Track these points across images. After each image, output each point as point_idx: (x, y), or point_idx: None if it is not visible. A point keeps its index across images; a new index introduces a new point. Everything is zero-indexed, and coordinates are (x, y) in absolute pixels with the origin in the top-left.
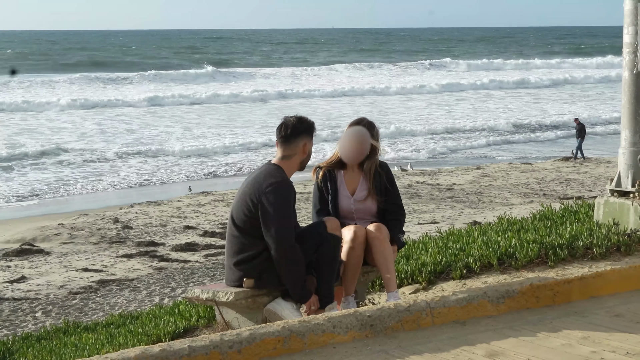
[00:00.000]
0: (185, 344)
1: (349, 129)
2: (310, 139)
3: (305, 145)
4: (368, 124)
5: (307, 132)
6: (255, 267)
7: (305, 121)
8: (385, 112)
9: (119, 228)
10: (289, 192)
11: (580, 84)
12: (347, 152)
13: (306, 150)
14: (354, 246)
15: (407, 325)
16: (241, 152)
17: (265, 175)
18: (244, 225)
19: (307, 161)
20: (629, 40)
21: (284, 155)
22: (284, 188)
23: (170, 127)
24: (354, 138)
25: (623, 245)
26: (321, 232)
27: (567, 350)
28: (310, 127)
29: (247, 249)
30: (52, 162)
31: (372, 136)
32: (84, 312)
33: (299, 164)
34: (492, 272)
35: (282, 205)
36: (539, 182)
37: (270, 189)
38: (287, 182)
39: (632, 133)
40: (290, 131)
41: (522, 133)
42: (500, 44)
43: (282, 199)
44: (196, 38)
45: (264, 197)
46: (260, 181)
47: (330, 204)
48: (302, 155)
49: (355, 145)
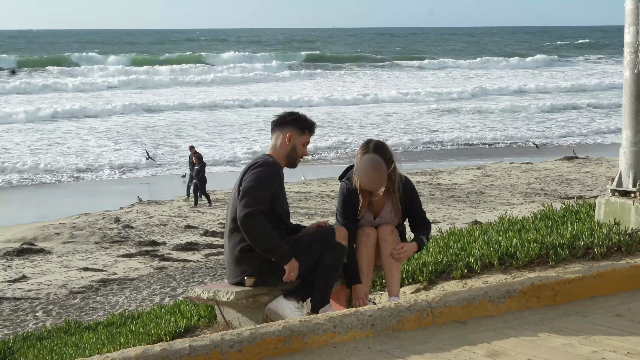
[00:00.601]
0: (186, 343)
1: (362, 159)
2: (298, 133)
3: (290, 137)
4: (376, 146)
5: (294, 125)
6: (255, 259)
7: (295, 114)
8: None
9: (120, 227)
10: (270, 170)
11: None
12: (367, 185)
13: (291, 143)
14: (367, 247)
15: (407, 325)
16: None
17: (254, 160)
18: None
19: (294, 156)
20: (630, 40)
21: (272, 145)
22: (267, 168)
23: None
24: (369, 170)
25: (624, 245)
26: (328, 238)
27: (568, 350)
28: (297, 120)
29: (245, 239)
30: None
31: (385, 159)
32: (84, 312)
33: (285, 157)
34: (493, 271)
35: (259, 180)
36: (540, 182)
37: (252, 167)
38: (273, 163)
39: (633, 132)
40: (276, 121)
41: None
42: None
43: (262, 176)
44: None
45: (247, 178)
46: (250, 166)
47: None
48: (286, 147)
49: (372, 177)
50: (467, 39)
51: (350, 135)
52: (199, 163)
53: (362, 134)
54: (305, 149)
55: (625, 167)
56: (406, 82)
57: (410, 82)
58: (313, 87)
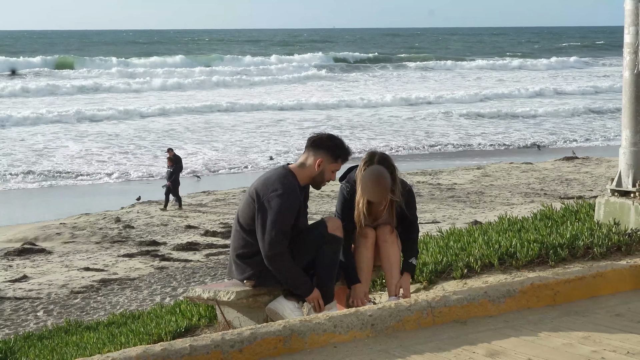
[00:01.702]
0: (187, 343)
1: (366, 172)
2: (330, 161)
3: (320, 162)
4: (381, 158)
5: (329, 151)
6: (256, 264)
7: (334, 141)
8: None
9: (121, 227)
10: (291, 202)
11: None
12: (372, 197)
13: (320, 168)
14: (366, 247)
15: (408, 325)
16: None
17: (275, 178)
18: (247, 222)
19: (320, 181)
20: (630, 41)
21: (301, 163)
22: (288, 196)
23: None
24: (374, 183)
25: (624, 245)
26: (322, 232)
27: (568, 349)
28: (334, 147)
29: (249, 245)
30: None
31: (389, 170)
32: (85, 312)
33: (311, 178)
34: (492, 271)
35: (281, 213)
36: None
37: (274, 194)
38: (294, 191)
39: (632, 133)
40: (314, 141)
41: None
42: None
43: (283, 207)
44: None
45: (266, 201)
46: (269, 184)
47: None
48: (313, 170)
49: (377, 190)
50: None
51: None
52: (171, 165)
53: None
54: (333, 175)
55: (624, 167)
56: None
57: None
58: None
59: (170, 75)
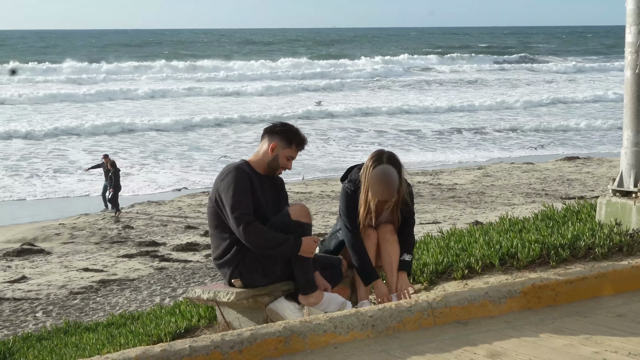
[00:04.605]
0: (186, 344)
1: (375, 171)
2: (284, 145)
3: (274, 146)
4: (389, 157)
5: (282, 136)
6: (232, 259)
7: (286, 126)
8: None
9: (120, 228)
10: (237, 176)
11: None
12: (380, 195)
13: (273, 153)
14: (368, 247)
15: (408, 326)
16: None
17: (224, 168)
18: (212, 222)
19: (275, 167)
20: (632, 40)
21: (256, 151)
22: (234, 174)
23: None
24: (384, 182)
25: (625, 246)
26: (285, 221)
27: (569, 350)
28: (287, 132)
29: (220, 245)
30: None
31: (397, 169)
32: (84, 312)
33: (266, 165)
34: (493, 272)
35: (234, 186)
36: (541, 182)
37: (223, 177)
38: (238, 169)
39: (634, 133)
40: (268, 128)
41: None
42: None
43: (232, 182)
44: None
45: (220, 188)
46: (220, 175)
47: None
48: (267, 155)
49: (386, 189)
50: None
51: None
52: (112, 169)
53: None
54: (289, 162)
55: (626, 167)
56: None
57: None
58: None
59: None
